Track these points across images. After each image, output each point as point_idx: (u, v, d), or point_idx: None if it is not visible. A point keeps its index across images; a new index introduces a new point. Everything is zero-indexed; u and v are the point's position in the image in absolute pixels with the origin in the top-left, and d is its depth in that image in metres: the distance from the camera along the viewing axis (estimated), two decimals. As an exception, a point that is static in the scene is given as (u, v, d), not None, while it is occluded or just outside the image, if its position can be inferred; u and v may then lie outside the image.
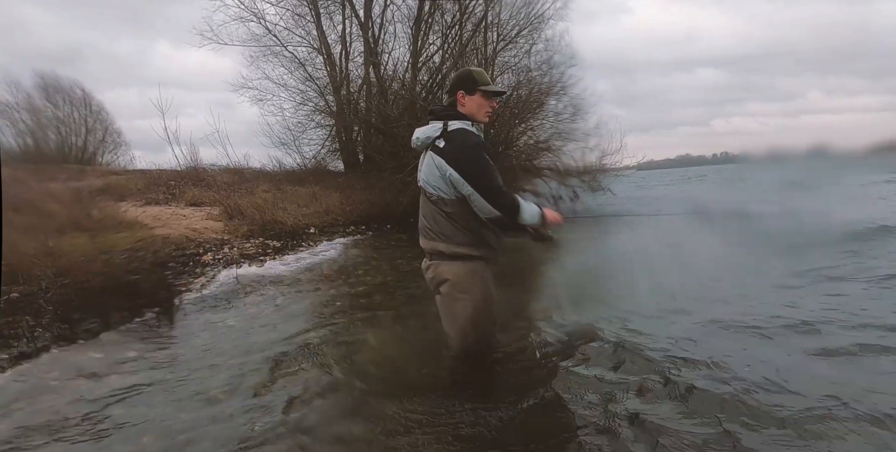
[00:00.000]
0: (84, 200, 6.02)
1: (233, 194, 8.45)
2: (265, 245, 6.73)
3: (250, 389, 2.45)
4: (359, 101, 12.80)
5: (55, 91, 15.28)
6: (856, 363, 2.44)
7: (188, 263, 5.26)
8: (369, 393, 2.33)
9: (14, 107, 12.90)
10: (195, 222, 7.15)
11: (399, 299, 4.15)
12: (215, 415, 2.20)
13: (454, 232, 2.14)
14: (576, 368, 2.52)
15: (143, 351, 3.08)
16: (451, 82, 2.26)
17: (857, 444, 1.77)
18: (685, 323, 3.09)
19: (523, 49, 12.30)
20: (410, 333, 3.12)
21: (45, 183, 6.55)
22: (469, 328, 2.20)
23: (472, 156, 2.08)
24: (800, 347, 2.63)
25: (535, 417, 2.08)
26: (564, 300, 3.59)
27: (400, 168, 10.15)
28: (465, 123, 2.16)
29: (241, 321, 3.69)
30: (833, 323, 2.97)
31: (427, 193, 2.20)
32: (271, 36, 12.72)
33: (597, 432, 1.94)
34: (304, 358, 2.82)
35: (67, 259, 4.04)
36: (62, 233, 4.55)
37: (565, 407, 2.15)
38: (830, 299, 3.47)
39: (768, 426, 1.90)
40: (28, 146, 12.64)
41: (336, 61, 12.96)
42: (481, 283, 2.19)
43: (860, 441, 1.78)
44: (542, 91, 11.36)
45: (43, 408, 2.33)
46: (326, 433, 2.02)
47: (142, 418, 2.21)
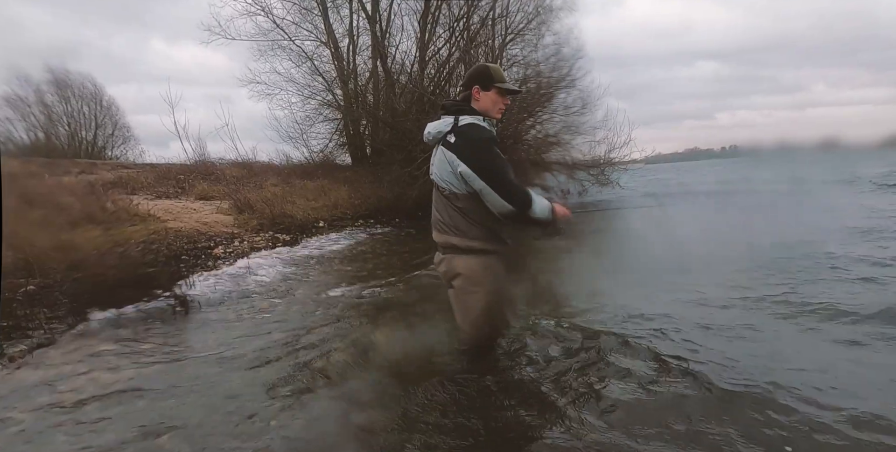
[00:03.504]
0: (97, 193, 6.08)
1: (242, 188, 8.51)
2: (275, 238, 6.78)
3: (263, 383, 2.47)
4: (366, 95, 12.80)
5: (65, 86, 15.42)
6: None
7: (200, 256, 5.32)
8: (378, 387, 2.35)
9: (26, 102, 13.04)
10: (205, 216, 7.21)
11: (408, 292, 4.17)
12: (230, 409, 2.22)
13: (467, 227, 2.15)
14: (579, 363, 2.53)
15: (157, 344, 3.12)
16: (466, 76, 2.26)
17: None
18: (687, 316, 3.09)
19: (531, 42, 12.23)
20: (419, 327, 3.14)
21: (59, 176, 6.62)
22: (482, 321, 2.22)
23: (483, 151, 2.08)
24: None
25: (541, 413, 2.08)
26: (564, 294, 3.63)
27: (408, 161, 10.15)
28: (476, 118, 2.16)
29: (252, 314, 3.73)
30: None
31: (439, 188, 2.20)
32: (279, 30, 12.73)
33: (599, 427, 1.94)
34: (315, 352, 2.85)
35: (82, 251, 4.09)
36: (76, 226, 4.61)
37: (569, 402, 2.15)
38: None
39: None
40: (39, 140, 12.79)
41: (343, 55, 12.94)
42: (494, 277, 2.20)
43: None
44: (551, 84, 11.30)
45: (58, 400, 2.37)
46: (336, 426, 2.05)
47: (157, 412, 2.23)
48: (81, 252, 4.11)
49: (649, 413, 2.01)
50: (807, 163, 10.63)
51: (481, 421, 1.99)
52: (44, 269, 4.02)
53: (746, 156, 12.33)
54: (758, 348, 2.63)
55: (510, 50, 12.41)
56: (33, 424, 2.15)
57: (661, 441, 1.83)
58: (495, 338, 2.43)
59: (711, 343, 2.70)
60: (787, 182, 10.58)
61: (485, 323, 2.24)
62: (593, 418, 1.99)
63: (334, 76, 13.03)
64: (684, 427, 1.90)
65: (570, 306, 3.48)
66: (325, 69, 13.15)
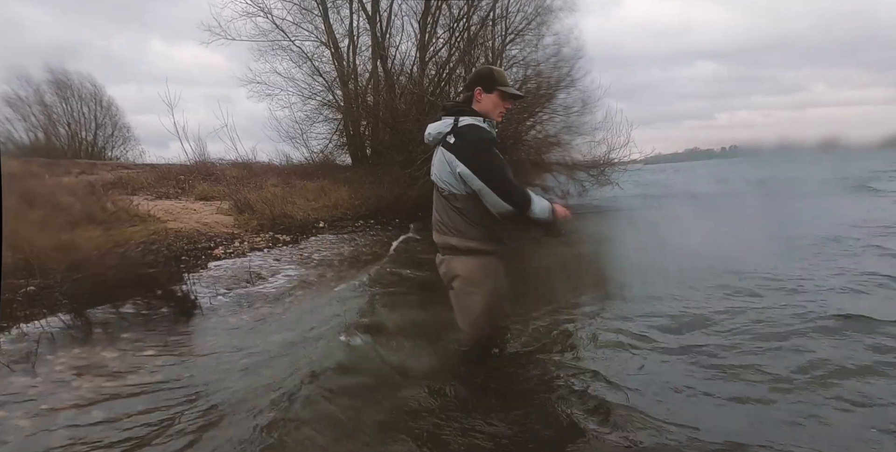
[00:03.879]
0: (98, 193, 6.09)
1: (242, 188, 8.51)
2: (275, 239, 6.78)
3: (264, 385, 2.47)
4: (366, 95, 12.80)
5: (65, 86, 15.43)
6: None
7: (200, 257, 5.32)
8: (378, 388, 2.35)
9: (26, 102, 13.04)
10: (205, 216, 7.22)
11: (408, 293, 4.18)
12: (230, 412, 2.22)
13: (466, 227, 2.16)
14: (577, 361, 2.53)
15: (157, 346, 3.12)
16: (470, 78, 2.28)
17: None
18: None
19: (532, 42, 12.25)
20: (419, 327, 3.15)
21: (59, 176, 6.62)
22: (482, 321, 2.23)
23: (482, 152, 2.09)
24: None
25: (543, 412, 2.09)
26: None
27: (408, 162, 10.15)
28: (476, 119, 2.17)
29: (252, 315, 3.73)
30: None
31: (439, 188, 2.21)
32: (279, 31, 12.74)
33: (601, 426, 1.95)
34: (317, 353, 2.85)
35: (82, 252, 4.09)
36: (76, 227, 4.60)
37: (572, 402, 2.16)
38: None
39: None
40: (39, 140, 12.79)
41: (343, 55, 12.95)
42: (493, 278, 2.21)
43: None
44: (552, 85, 11.30)
45: (57, 403, 2.37)
46: (339, 428, 2.05)
47: (157, 415, 2.23)
48: (82, 252, 4.10)
49: (650, 414, 2.02)
50: (807, 162, 10.58)
51: (482, 423, 2.00)
52: (44, 269, 4.02)
53: (746, 157, 12.32)
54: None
55: (510, 50, 12.45)
56: (32, 429, 2.14)
57: (661, 442, 1.83)
58: (496, 339, 2.43)
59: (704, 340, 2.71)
60: (768, 183, 10.20)
61: (485, 324, 2.25)
62: (594, 420, 2.00)
63: (334, 76, 13.05)
64: (684, 427, 1.91)
65: (571, 307, 3.48)
66: (326, 69, 13.19)
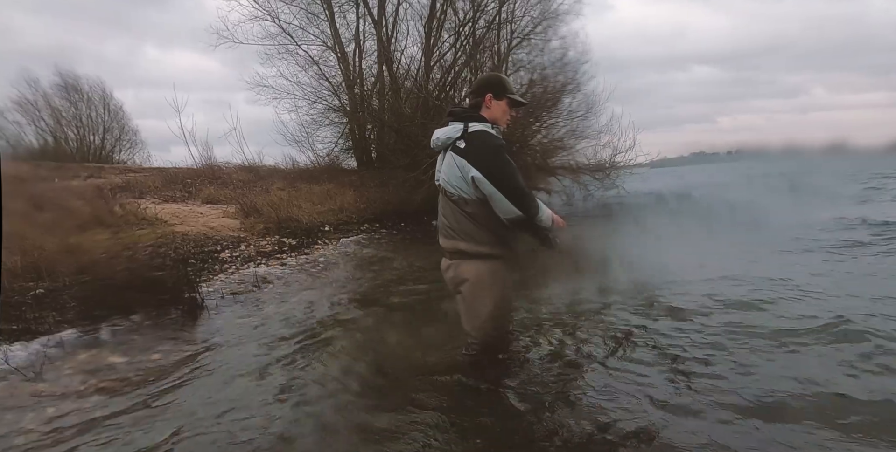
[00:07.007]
0: (106, 197, 6.13)
1: (248, 192, 8.53)
2: (281, 242, 6.79)
3: (270, 388, 2.48)
4: (372, 99, 12.84)
5: (74, 90, 15.57)
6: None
7: (207, 260, 5.34)
8: (384, 392, 2.35)
9: (36, 106, 13.17)
10: (212, 220, 7.25)
11: (413, 296, 4.17)
12: (237, 417, 2.21)
13: (476, 232, 2.16)
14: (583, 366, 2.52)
15: (164, 349, 3.13)
16: (479, 84, 2.30)
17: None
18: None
19: (538, 46, 12.27)
20: (425, 331, 3.14)
21: (68, 180, 6.68)
22: (489, 326, 2.23)
23: (495, 157, 2.10)
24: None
25: (547, 414, 2.08)
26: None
27: (413, 166, 10.17)
28: (485, 125, 2.19)
29: (258, 318, 3.74)
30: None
31: (447, 193, 2.22)
32: (285, 34, 12.80)
33: (603, 428, 1.94)
34: (324, 356, 2.86)
35: (90, 255, 4.12)
36: (85, 230, 4.64)
37: (575, 404, 2.15)
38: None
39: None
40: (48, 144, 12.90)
41: (349, 59, 13.01)
42: (501, 282, 2.21)
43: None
44: (557, 88, 11.32)
45: (65, 408, 2.38)
46: (341, 430, 2.05)
47: (164, 419, 2.24)
48: (90, 255, 4.14)
49: (650, 417, 2.01)
50: (814, 164, 10.45)
51: (488, 427, 1.99)
52: (52, 272, 4.05)
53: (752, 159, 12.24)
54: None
55: (515, 54, 12.47)
56: (40, 434, 2.15)
57: (662, 442, 1.83)
58: (502, 344, 2.42)
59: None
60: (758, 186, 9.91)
61: (492, 328, 2.25)
62: (596, 426, 1.98)
63: (340, 80, 13.10)
64: (685, 430, 1.90)
65: (574, 310, 3.47)
66: (332, 74, 13.23)
